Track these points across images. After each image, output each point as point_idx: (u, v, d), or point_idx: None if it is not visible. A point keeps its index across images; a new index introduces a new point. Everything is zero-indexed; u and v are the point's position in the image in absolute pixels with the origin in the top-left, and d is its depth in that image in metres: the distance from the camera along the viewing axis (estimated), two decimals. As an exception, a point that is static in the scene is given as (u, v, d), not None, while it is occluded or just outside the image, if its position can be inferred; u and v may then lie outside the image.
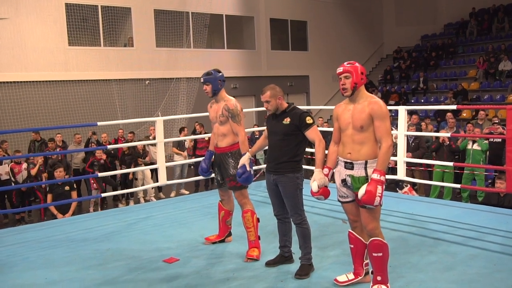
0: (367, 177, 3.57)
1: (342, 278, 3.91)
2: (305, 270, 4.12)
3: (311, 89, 20.88)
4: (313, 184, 3.82)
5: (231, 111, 4.58)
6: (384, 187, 3.48)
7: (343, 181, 3.71)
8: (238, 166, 4.38)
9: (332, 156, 3.86)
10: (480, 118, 11.38)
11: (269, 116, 4.34)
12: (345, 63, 3.72)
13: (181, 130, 11.76)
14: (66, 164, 10.29)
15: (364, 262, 3.87)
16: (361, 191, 3.48)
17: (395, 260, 4.35)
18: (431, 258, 4.40)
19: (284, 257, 4.40)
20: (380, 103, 3.58)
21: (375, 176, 3.46)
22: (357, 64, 3.70)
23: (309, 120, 4.03)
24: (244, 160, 4.34)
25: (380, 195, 3.43)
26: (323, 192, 3.84)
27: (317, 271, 4.18)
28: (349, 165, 3.65)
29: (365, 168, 3.58)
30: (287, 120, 4.08)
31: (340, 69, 3.66)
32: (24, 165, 9.58)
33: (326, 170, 3.86)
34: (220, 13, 17.98)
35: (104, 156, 9.99)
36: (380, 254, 3.60)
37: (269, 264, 4.36)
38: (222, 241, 5.04)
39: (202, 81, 4.69)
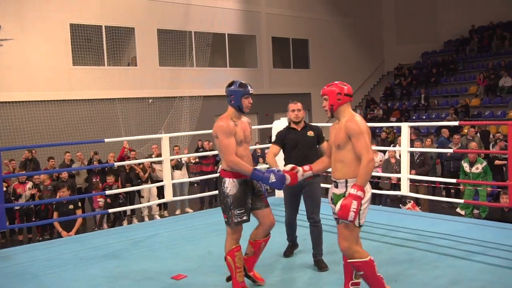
0: (344, 194, 3.57)
1: None
2: (324, 263, 4.59)
3: (313, 106, 21.03)
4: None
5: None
6: (361, 202, 3.43)
7: (331, 199, 3.75)
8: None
9: (319, 162, 4.04)
10: (470, 135, 11.45)
11: (287, 131, 4.83)
12: (329, 85, 3.79)
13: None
14: (72, 185, 10.26)
15: (352, 282, 3.76)
16: (337, 206, 3.47)
17: (400, 274, 4.41)
18: (436, 273, 4.44)
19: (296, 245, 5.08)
20: (356, 121, 3.57)
21: (352, 191, 3.43)
22: (339, 85, 3.73)
23: (323, 134, 4.55)
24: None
25: (355, 210, 3.38)
26: (291, 174, 3.92)
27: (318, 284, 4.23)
28: (335, 184, 3.68)
29: (346, 187, 3.58)
30: (311, 133, 4.79)
31: (321, 91, 3.79)
32: (29, 185, 9.59)
33: (307, 167, 3.98)
34: (223, 32, 18.22)
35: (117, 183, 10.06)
36: (362, 273, 3.58)
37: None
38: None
39: (252, 92, 4.07)
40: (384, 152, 10.75)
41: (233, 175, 3.93)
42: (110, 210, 7.81)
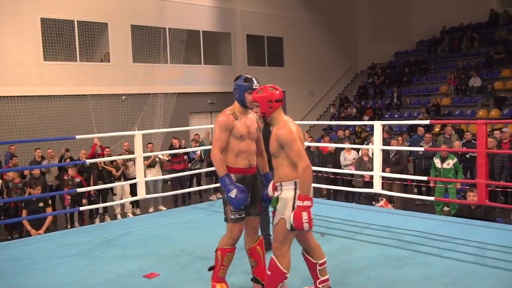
0: (278, 197, 3.59)
1: None
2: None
3: (288, 104, 21.09)
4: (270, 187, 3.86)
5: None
6: (310, 211, 3.45)
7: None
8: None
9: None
10: (447, 134, 11.68)
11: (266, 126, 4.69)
12: (259, 90, 3.69)
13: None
14: (44, 182, 10.05)
15: (319, 280, 3.78)
16: (291, 219, 3.48)
17: (372, 271, 4.47)
18: (408, 269, 4.52)
19: (271, 245, 4.73)
20: (285, 129, 3.53)
21: (299, 203, 3.45)
22: (269, 90, 3.63)
23: None
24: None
25: (307, 220, 3.41)
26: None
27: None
28: (276, 187, 3.67)
29: (281, 190, 3.59)
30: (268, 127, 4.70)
31: (252, 97, 3.72)
32: (-3, 182, 9.38)
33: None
34: (197, 29, 18.11)
35: (80, 177, 9.82)
36: (269, 273, 3.60)
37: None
38: None
39: (257, 87, 3.94)
40: (357, 150, 10.89)
41: (232, 171, 3.86)
42: (82, 208, 7.69)
